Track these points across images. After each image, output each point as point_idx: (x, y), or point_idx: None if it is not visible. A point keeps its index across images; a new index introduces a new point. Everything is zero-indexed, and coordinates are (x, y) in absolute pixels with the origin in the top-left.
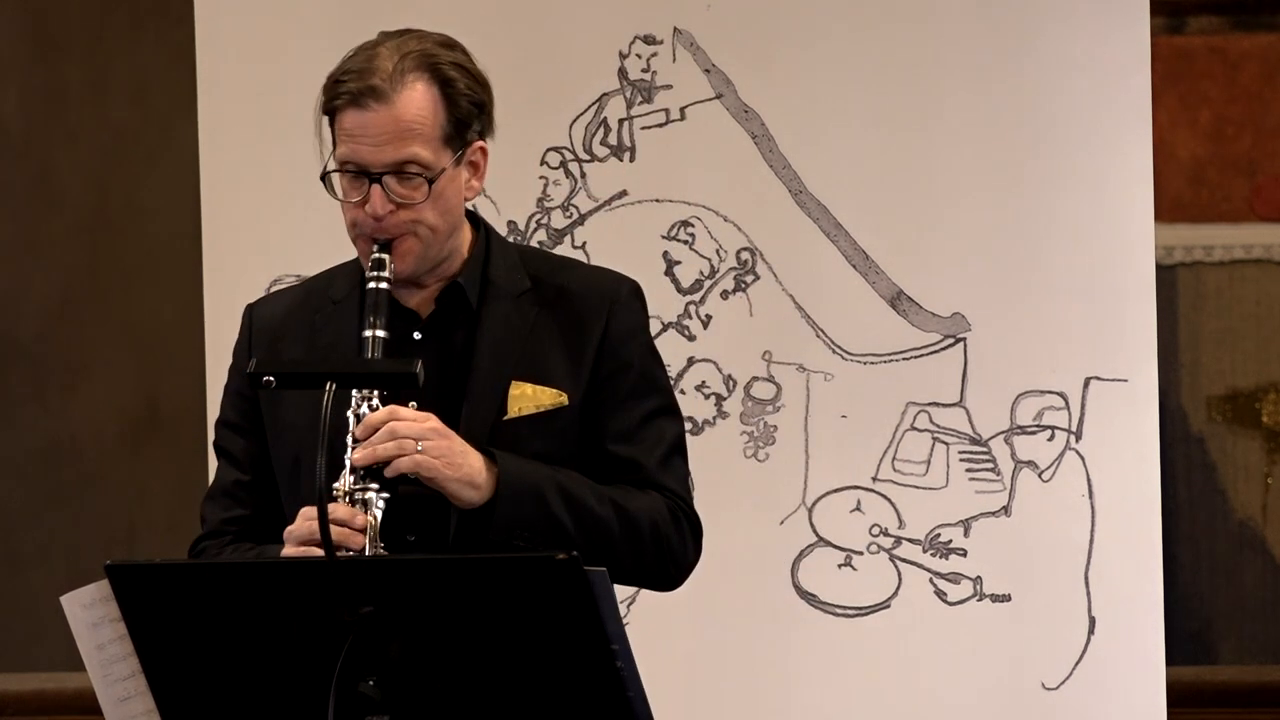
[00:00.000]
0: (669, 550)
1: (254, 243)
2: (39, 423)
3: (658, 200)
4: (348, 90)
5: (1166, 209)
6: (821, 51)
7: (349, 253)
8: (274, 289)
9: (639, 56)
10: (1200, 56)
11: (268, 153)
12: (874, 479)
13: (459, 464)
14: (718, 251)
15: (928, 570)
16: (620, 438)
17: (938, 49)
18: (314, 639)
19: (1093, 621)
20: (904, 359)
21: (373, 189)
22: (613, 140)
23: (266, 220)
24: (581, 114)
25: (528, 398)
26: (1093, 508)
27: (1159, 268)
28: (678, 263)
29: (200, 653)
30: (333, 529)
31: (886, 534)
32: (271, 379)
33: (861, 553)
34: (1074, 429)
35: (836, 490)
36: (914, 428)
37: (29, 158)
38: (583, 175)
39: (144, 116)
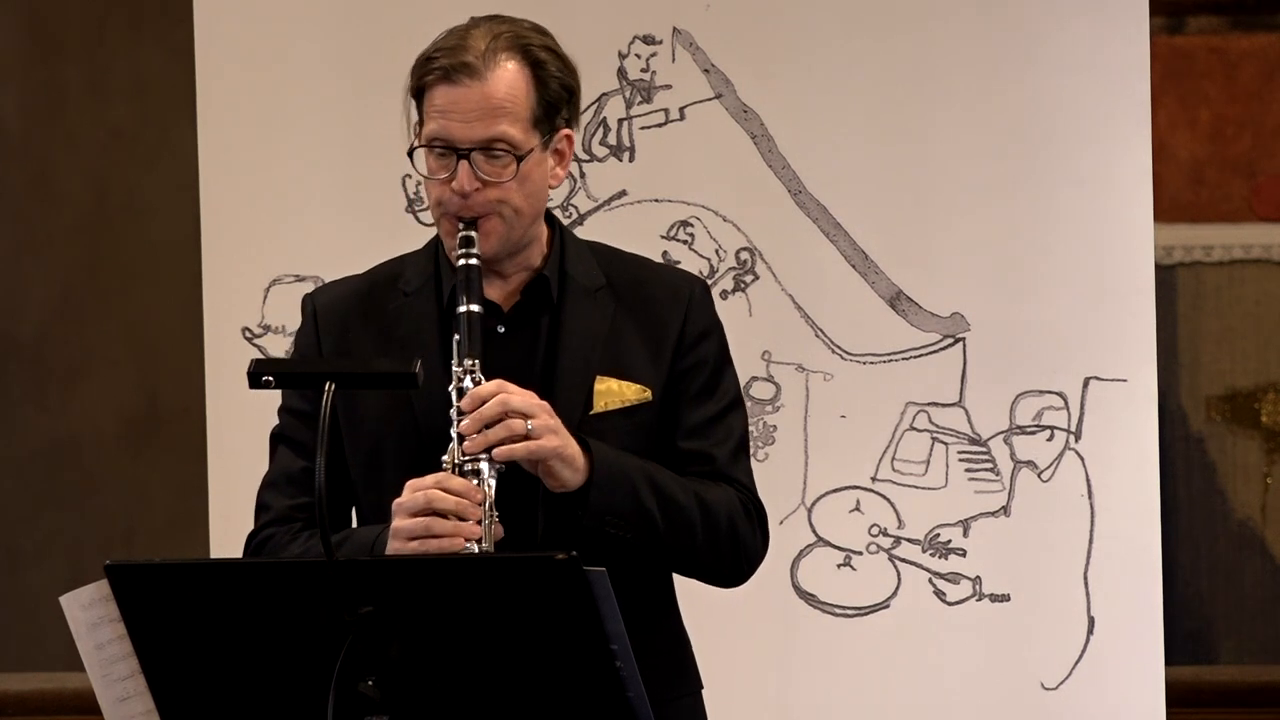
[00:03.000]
0: (742, 544)
1: (254, 243)
2: (39, 423)
3: (657, 200)
4: (440, 66)
5: (1166, 209)
6: (821, 51)
7: (348, 252)
8: (274, 289)
9: (638, 56)
10: (1200, 56)
11: (268, 153)
12: (873, 479)
13: (566, 441)
14: (717, 251)
15: (927, 570)
16: (693, 433)
17: (937, 50)
18: (314, 639)
19: (1092, 621)
20: (903, 359)
21: (460, 165)
22: (612, 140)
23: (266, 220)
24: (581, 114)
25: (613, 393)
26: (1092, 508)
27: (1158, 268)
28: (677, 263)
29: (200, 653)
30: (450, 499)
31: (886, 534)
32: (270, 379)
33: (861, 553)
34: (1073, 429)
35: (836, 490)
36: (913, 428)
37: (29, 158)
38: (582, 175)
39: (143, 116)
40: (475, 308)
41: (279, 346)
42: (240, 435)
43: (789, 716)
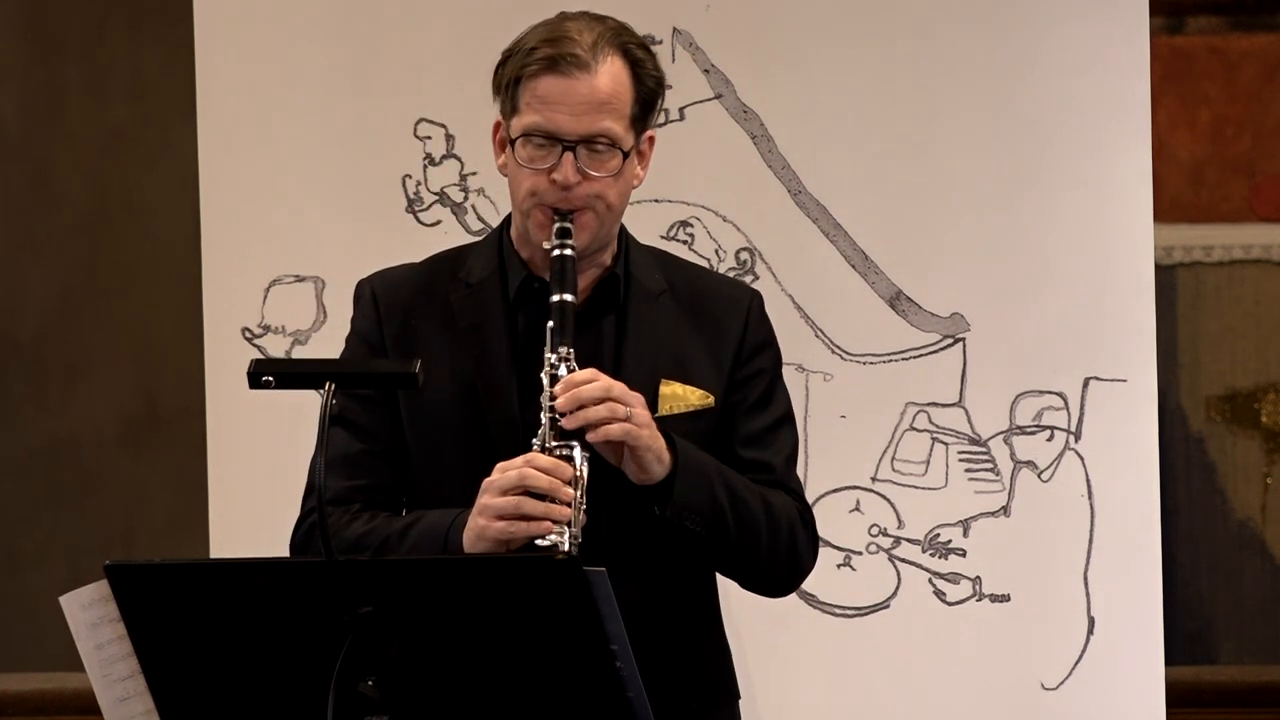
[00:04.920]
0: (799, 553)
1: (253, 243)
2: (39, 423)
3: (657, 200)
4: (546, 56)
5: (1166, 209)
6: (820, 51)
7: (348, 252)
8: (274, 289)
9: None
10: (1200, 56)
11: (268, 153)
12: (873, 479)
13: (655, 434)
14: (717, 252)
15: (927, 570)
16: (750, 441)
17: (937, 50)
18: (314, 639)
19: (1092, 622)
20: (903, 359)
21: (564, 157)
22: None
23: (266, 220)
24: None
25: (678, 397)
26: (1092, 508)
27: (1158, 268)
28: None
29: (200, 653)
30: (544, 479)
31: (886, 534)
32: (270, 379)
33: (861, 553)
34: (1073, 429)
35: (836, 490)
36: (913, 428)
37: (29, 158)
38: None
39: (143, 116)
40: (569, 297)
41: (279, 346)
42: (240, 435)
43: (788, 716)
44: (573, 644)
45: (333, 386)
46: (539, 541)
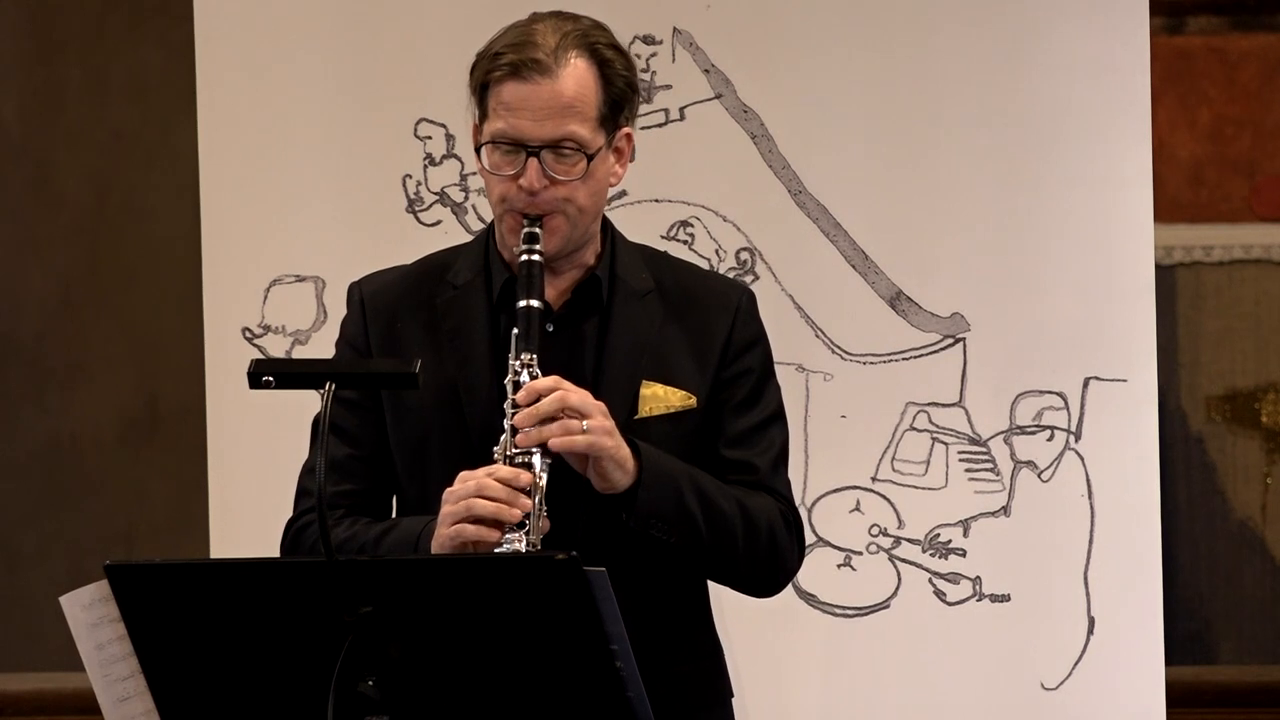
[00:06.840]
0: (781, 554)
1: (253, 243)
2: (39, 423)
3: (657, 200)
4: (509, 62)
5: (1166, 209)
6: (821, 51)
7: (348, 252)
8: (274, 289)
9: (638, 56)
10: (1200, 56)
11: (268, 153)
12: (873, 479)
13: (619, 443)
14: (717, 252)
15: (927, 570)
16: (735, 441)
17: (937, 49)
18: (314, 639)
19: (1092, 621)
20: (903, 359)
21: (530, 162)
22: None
23: (266, 220)
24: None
25: (658, 398)
26: (1092, 508)
27: (1158, 268)
28: None
29: (200, 653)
30: (500, 488)
31: (886, 534)
32: (270, 379)
33: (861, 553)
34: (1073, 429)
35: (836, 490)
36: (913, 428)
37: (28, 158)
38: None
39: (144, 116)
40: (536, 303)
41: (279, 346)
42: (240, 435)
43: (788, 716)
44: (573, 644)
45: (333, 387)
46: (497, 550)
